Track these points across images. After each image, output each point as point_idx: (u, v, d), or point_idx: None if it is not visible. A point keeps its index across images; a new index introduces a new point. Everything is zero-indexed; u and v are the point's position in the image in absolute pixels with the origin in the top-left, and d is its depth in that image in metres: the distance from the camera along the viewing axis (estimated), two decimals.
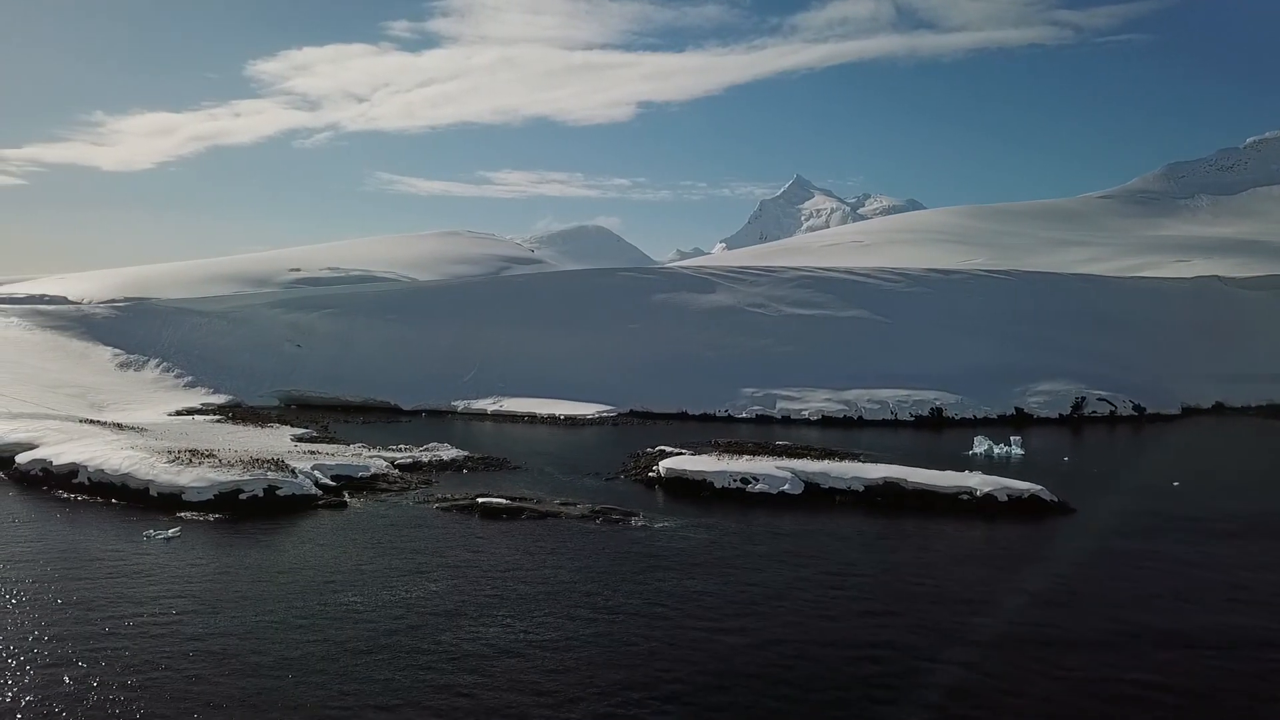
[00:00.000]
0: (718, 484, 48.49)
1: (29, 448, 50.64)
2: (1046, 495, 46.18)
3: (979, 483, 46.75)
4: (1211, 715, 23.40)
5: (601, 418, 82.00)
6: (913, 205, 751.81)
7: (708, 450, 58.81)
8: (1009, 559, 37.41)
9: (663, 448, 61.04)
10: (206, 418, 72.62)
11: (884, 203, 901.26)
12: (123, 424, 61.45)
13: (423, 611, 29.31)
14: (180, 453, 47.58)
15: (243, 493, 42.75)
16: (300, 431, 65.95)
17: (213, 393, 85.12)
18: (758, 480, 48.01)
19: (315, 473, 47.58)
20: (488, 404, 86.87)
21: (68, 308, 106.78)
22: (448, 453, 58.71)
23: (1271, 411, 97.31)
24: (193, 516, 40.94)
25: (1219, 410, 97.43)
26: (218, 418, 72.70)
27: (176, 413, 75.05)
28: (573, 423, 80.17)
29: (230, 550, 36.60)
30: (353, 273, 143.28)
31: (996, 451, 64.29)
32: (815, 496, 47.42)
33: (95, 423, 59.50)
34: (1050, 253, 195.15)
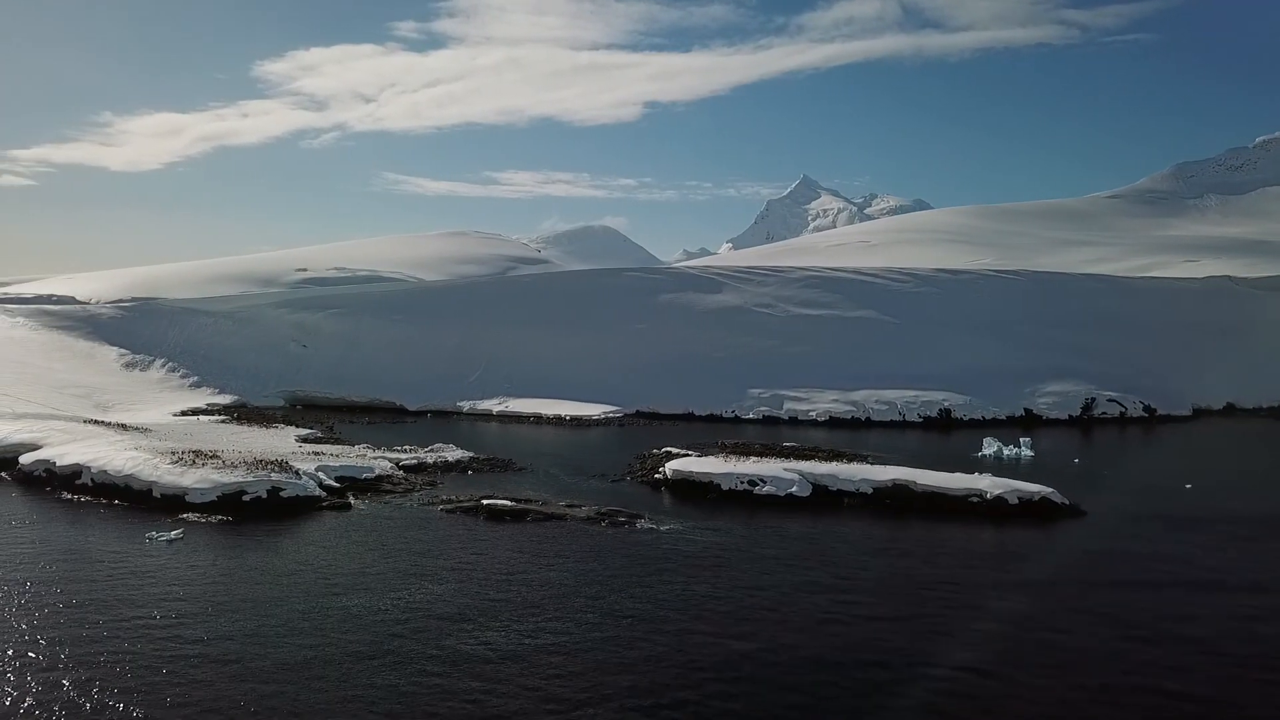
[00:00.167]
0: (724, 486, 48.08)
1: (33, 448, 50.49)
2: (1057, 498, 45.66)
3: (989, 485, 46.24)
4: None
5: (607, 418, 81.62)
6: (920, 205, 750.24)
7: (714, 451, 58.45)
8: (1020, 563, 36.90)
9: (669, 449, 60.65)
10: (211, 418, 72.47)
11: (891, 203, 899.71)
12: (127, 424, 61.28)
13: (427, 615, 29.00)
14: (184, 453, 47.35)
15: (246, 494, 42.48)
16: (305, 432, 65.73)
17: (218, 393, 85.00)
18: (765, 482, 47.58)
19: (319, 474, 47.29)
20: (493, 404, 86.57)
21: (74, 308, 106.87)
22: (453, 454, 58.42)
23: None
24: (196, 518, 40.67)
25: (1230, 411, 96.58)
26: (223, 418, 72.56)
27: (182, 413, 74.91)
28: (578, 423, 79.82)
29: (233, 552, 36.33)
30: (359, 273, 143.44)
31: (1006, 453, 63.72)
32: (823, 499, 46.96)
33: (100, 423, 59.33)
34: (1058, 253, 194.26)
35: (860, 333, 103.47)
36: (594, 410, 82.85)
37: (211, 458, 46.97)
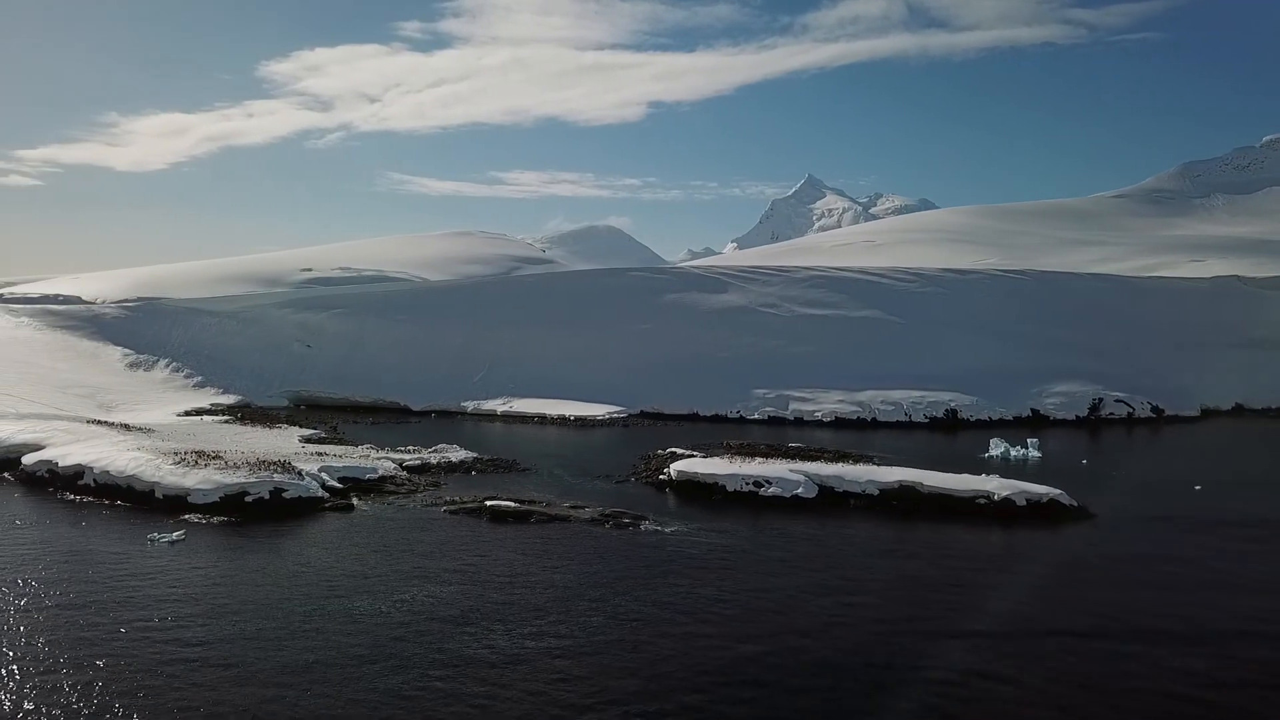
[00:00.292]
0: (730, 487, 47.75)
1: (36, 448, 50.37)
2: (1066, 499, 45.26)
3: (996, 486, 45.86)
4: None
5: (612, 419, 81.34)
6: (925, 205, 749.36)
7: (719, 452, 58.14)
8: (1029, 565, 36.49)
9: (674, 449, 60.39)
10: (215, 418, 72.33)
11: (896, 202, 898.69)
12: (130, 425, 61.14)
13: (429, 617, 28.74)
14: (186, 454, 47.17)
15: (248, 495, 42.26)
16: (308, 432, 65.57)
17: (222, 393, 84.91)
18: (770, 483, 47.24)
19: (322, 475, 47.08)
20: (497, 405, 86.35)
21: (78, 308, 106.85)
22: (456, 454, 58.18)
23: None
24: (198, 519, 40.47)
25: (1239, 412, 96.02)
26: (226, 418, 72.41)
27: (185, 413, 74.79)
28: (583, 424, 79.54)
29: (235, 554, 36.10)
30: (365, 272, 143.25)
31: (1013, 454, 63.30)
32: (829, 500, 46.61)
33: (103, 423, 59.20)
34: (1064, 252, 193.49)
35: (866, 333, 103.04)
36: (598, 410, 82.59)
37: (214, 458, 46.77)
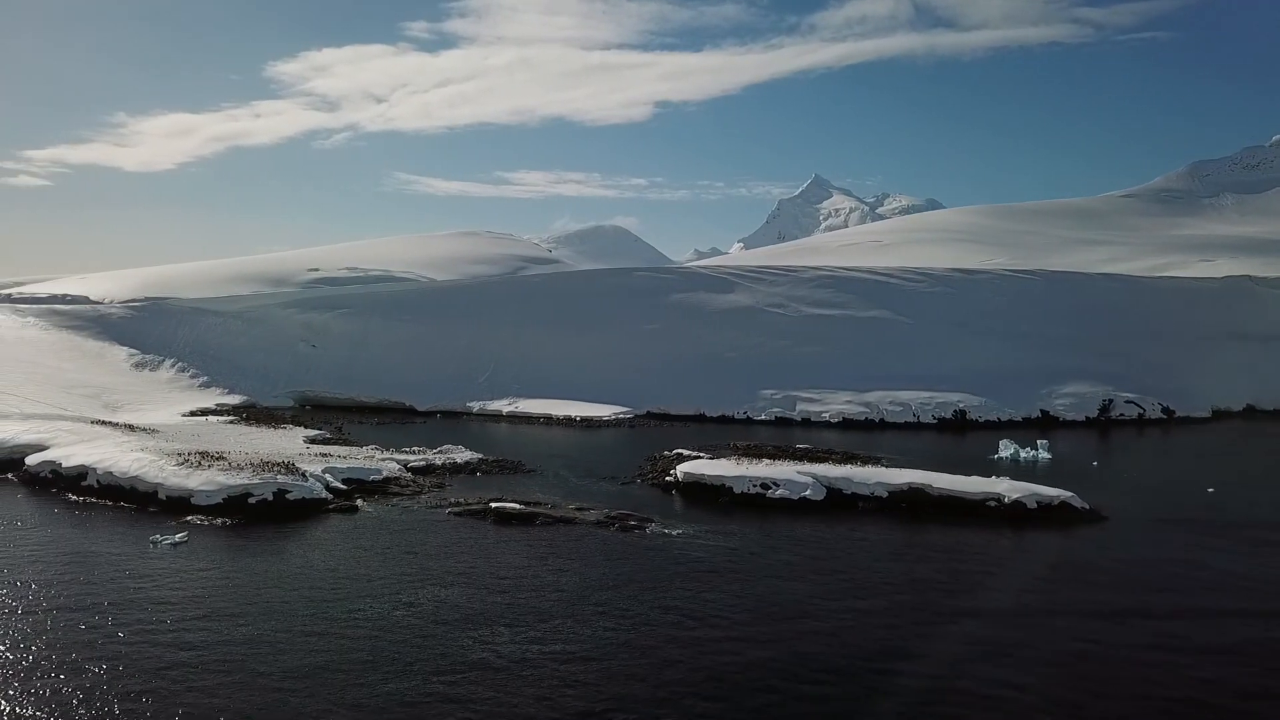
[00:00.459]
0: (737, 489, 47.28)
1: (39, 449, 50.19)
2: (1077, 502, 44.71)
3: (1007, 489, 45.33)
4: None
5: (618, 419, 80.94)
6: (932, 205, 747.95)
7: (726, 454, 57.71)
8: (1041, 569, 35.98)
9: (680, 451, 59.96)
10: (220, 418, 72.10)
11: (903, 202, 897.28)
12: (135, 425, 60.91)
13: (433, 620, 28.41)
14: (190, 455, 46.90)
15: (252, 496, 41.95)
16: (313, 433, 65.30)
17: (227, 393, 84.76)
18: (778, 485, 46.75)
19: (326, 476, 46.78)
20: (503, 405, 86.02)
21: (84, 307, 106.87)
22: (461, 455, 57.83)
23: None
24: (201, 520, 40.18)
25: (1250, 413, 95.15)
26: (231, 418, 72.16)
27: (190, 413, 74.61)
28: (589, 424, 79.15)
29: (237, 556, 35.80)
30: (371, 272, 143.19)
31: (1023, 455, 62.69)
32: (837, 503, 46.09)
33: (107, 424, 58.96)
34: (1072, 252, 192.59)
35: (873, 333, 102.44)
36: (604, 411, 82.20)
37: (218, 459, 46.49)
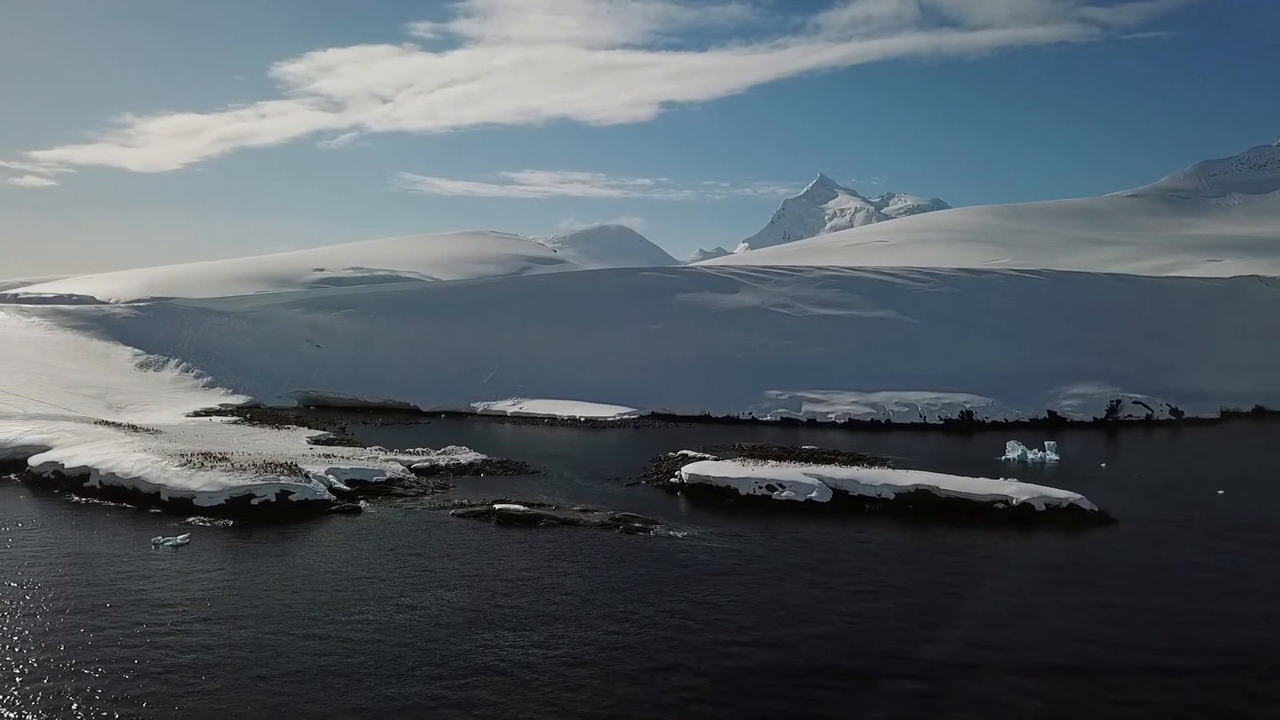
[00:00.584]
0: (742, 491, 46.91)
1: (43, 449, 50.05)
2: (1086, 504, 44.25)
3: (1015, 491, 44.91)
4: None
5: (623, 420, 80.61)
6: (937, 205, 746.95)
7: (731, 455, 57.36)
8: (1050, 572, 35.57)
9: (685, 452, 59.63)
10: (224, 419, 71.93)
11: (908, 202, 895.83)
12: (138, 425, 60.76)
13: (437, 624, 28.15)
14: (193, 456, 46.69)
15: (254, 498, 41.72)
16: (317, 433, 65.06)
17: (231, 393, 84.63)
18: (784, 487, 46.39)
19: (329, 477, 46.53)
20: (507, 405, 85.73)
21: (89, 307, 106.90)
22: (465, 456, 57.56)
23: None
24: (203, 522, 39.98)
25: (1260, 414, 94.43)
26: (235, 419, 71.98)
27: (194, 414, 74.48)
28: (593, 425, 78.84)
29: (240, 558, 35.57)
30: (377, 272, 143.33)
31: (1030, 457, 62.20)
32: (844, 504, 45.72)
33: (110, 424, 58.79)
34: (1078, 252, 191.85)
35: (879, 333, 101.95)
36: (609, 412, 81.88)
37: (220, 460, 46.27)
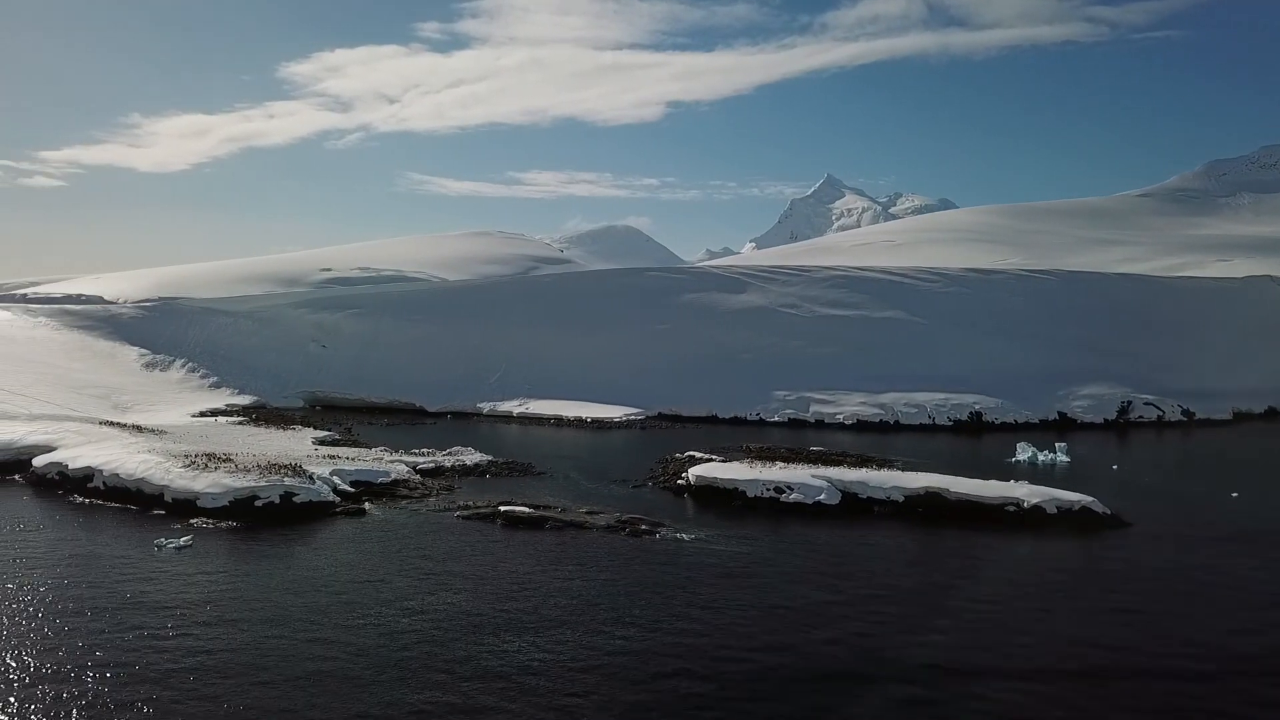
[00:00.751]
0: (750, 493, 46.44)
1: (47, 450, 49.89)
2: (1099, 507, 43.68)
3: (1026, 493, 44.37)
4: None
5: (629, 421, 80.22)
6: (945, 204, 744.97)
7: (739, 456, 56.91)
8: (1063, 577, 35.05)
9: (692, 453, 59.21)
10: (229, 419, 71.76)
11: (916, 202, 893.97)
12: (143, 426, 60.59)
13: (441, 627, 27.85)
14: (197, 457, 46.43)
15: (258, 499, 41.45)
16: (322, 434, 64.85)
17: (238, 393, 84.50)
18: (792, 489, 45.90)
19: (334, 478, 46.28)
20: (513, 406, 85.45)
21: (95, 308, 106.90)
22: (471, 457, 57.24)
23: None
24: (207, 523, 39.73)
25: (1272, 415, 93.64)
26: (241, 419, 71.82)
27: (200, 414, 74.34)
28: (600, 426, 78.47)
29: (243, 560, 35.30)
30: (384, 272, 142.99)
31: (1041, 459, 61.60)
32: (852, 507, 45.25)
33: (115, 425, 58.63)
34: (1086, 252, 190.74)
35: (888, 333, 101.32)
36: (615, 412, 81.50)
37: (225, 461, 46.01)
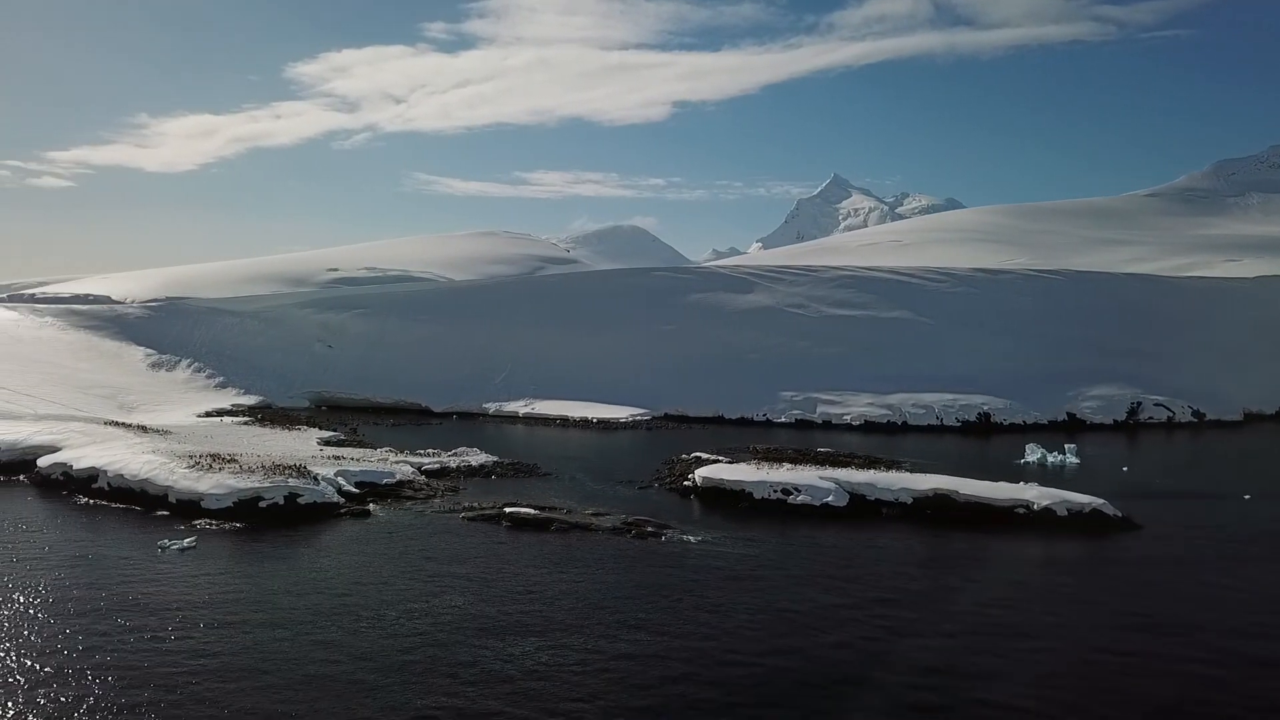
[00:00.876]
0: (757, 495, 46.10)
1: (52, 450, 49.77)
2: (1109, 509, 43.24)
3: (1036, 495, 43.95)
4: None
5: (635, 421, 79.92)
6: (952, 204, 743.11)
7: (745, 457, 56.57)
8: (1073, 580, 34.65)
9: (698, 454, 58.89)
10: (235, 419, 71.66)
11: (923, 202, 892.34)
12: (148, 426, 60.46)
13: (446, 629, 27.57)
14: (201, 457, 46.24)
15: (262, 500, 41.24)
16: (328, 434, 64.69)
17: (243, 393, 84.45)
18: (799, 491, 45.54)
19: (338, 479, 46.04)
20: (519, 406, 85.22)
21: (101, 308, 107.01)
22: (476, 458, 56.99)
23: None
24: (211, 525, 39.51)
25: None
26: (246, 419, 71.71)
27: (206, 414, 74.26)
28: (606, 426, 78.18)
29: (247, 562, 35.08)
30: (390, 272, 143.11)
31: (1050, 460, 61.14)
32: (860, 509, 44.87)
33: (120, 425, 58.51)
34: (1094, 252, 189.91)
35: (895, 334, 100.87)
36: (621, 413, 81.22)
37: (229, 462, 45.81)
